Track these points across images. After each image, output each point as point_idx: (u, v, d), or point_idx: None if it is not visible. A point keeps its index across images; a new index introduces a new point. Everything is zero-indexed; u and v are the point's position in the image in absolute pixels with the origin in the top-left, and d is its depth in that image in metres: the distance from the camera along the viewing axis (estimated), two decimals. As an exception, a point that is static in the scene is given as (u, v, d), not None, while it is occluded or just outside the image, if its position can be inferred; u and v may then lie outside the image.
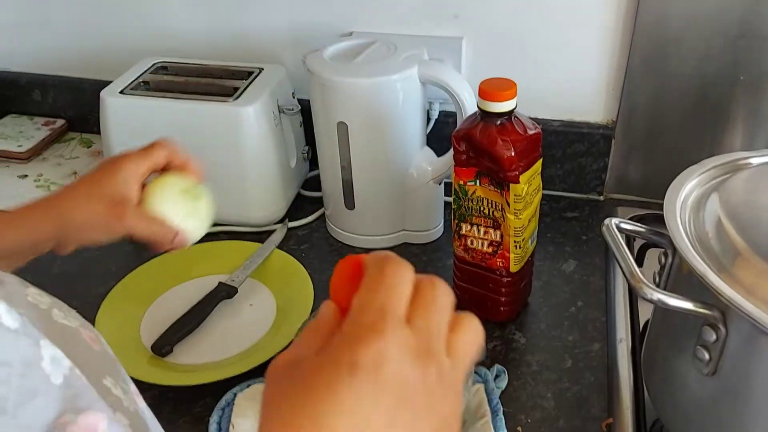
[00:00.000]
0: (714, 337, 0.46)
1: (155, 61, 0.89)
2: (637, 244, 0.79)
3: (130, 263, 0.76)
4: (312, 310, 0.71)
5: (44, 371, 0.28)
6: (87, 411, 0.28)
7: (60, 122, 1.06)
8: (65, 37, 1.01)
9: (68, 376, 0.29)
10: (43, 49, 1.03)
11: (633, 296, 0.73)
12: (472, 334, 0.32)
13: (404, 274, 0.32)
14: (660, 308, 0.49)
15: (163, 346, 0.68)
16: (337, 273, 0.35)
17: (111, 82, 0.85)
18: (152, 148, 0.59)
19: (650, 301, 0.46)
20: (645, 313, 0.70)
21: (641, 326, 0.70)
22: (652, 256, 0.76)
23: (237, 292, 0.75)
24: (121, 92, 0.82)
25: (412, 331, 0.30)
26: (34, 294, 0.34)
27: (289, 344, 0.52)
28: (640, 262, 0.77)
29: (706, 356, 0.47)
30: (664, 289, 0.52)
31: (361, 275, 0.33)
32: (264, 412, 0.30)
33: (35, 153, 1.00)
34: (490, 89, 0.61)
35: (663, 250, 0.55)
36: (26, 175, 0.97)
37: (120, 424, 0.30)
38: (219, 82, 0.84)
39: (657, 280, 0.56)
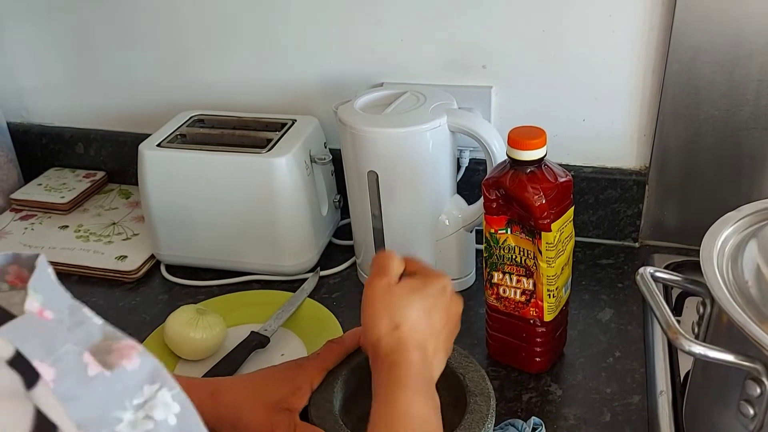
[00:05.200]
0: (758, 391, 0.44)
1: (192, 114, 0.92)
2: (676, 291, 0.77)
3: (164, 313, 0.76)
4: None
5: None
6: None
7: (100, 174, 1.09)
8: (108, 93, 1.05)
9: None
10: (86, 105, 1.07)
11: (673, 346, 0.70)
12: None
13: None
14: (700, 360, 0.47)
15: (195, 396, 0.68)
16: None
17: (150, 135, 0.87)
18: (327, 350, 0.60)
19: (689, 353, 0.45)
20: (686, 363, 0.68)
21: (682, 377, 0.67)
22: (692, 304, 0.74)
23: (269, 341, 0.75)
24: (159, 145, 0.84)
25: None
26: None
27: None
28: (678, 310, 0.75)
29: (751, 411, 0.45)
30: (704, 340, 0.51)
31: None
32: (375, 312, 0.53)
33: (76, 204, 1.03)
34: (519, 138, 0.61)
35: (701, 299, 0.54)
36: (67, 226, 0.99)
37: None
38: (253, 133, 0.86)
39: (696, 330, 0.54)
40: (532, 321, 0.67)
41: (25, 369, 0.25)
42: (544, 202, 0.61)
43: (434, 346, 0.53)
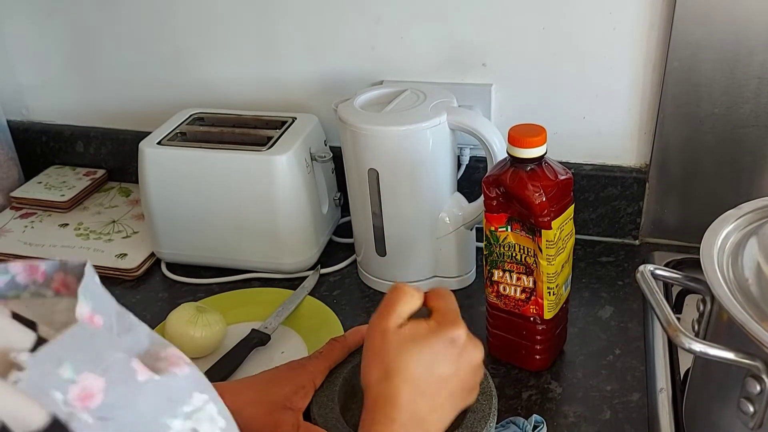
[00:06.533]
0: (758, 388, 0.44)
1: (192, 112, 0.92)
2: (676, 288, 0.77)
3: (165, 311, 0.77)
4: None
5: None
6: None
7: (101, 172, 1.09)
8: (107, 90, 1.05)
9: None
10: (87, 103, 1.07)
11: (673, 343, 0.71)
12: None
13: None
14: (700, 357, 0.47)
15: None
16: None
17: (150, 133, 0.87)
18: (329, 349, 0.60)
19: (689, 350, 0.45)
20: (686, 360, 0.68)
21: (682, 375, 0.67)
22: (692, 301, 0.74)
23: (270, 339, 0.75)
24: (159, 143, 0.84)
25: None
26: None
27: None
28: (678, 308, 0.75)
29: (751, 409, 0.45)
30: (704, 337, 0.51)
31: None
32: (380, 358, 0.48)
33: (76, 202, 1.03)
34: (519, 135, 0.61)
35: (701, 296, 0.54)
36: (67, 224, 0.99)
37: None
38: (253, 131, 0.86)
39: (696, 328, 0.54)
40: (532, 319, 0.67)
41: None
42: (544, 199, 0.61)
43: (429, 405, 0.48)
